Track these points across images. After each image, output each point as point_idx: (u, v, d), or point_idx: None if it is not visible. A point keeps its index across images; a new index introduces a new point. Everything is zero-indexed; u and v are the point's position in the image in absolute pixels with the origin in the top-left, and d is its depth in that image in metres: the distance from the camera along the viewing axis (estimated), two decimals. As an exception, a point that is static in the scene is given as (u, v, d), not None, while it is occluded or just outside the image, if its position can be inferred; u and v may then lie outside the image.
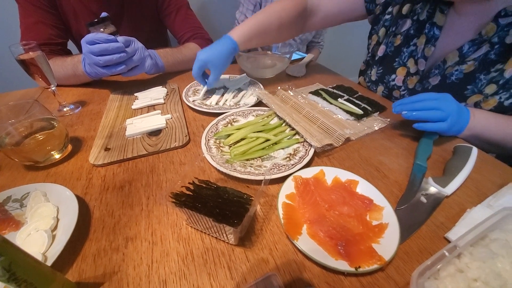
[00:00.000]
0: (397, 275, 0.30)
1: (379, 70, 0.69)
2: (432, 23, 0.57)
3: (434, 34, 0.57)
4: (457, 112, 0.46)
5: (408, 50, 0.62)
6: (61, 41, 0.80)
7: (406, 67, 0.62)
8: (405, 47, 0.62)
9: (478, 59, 0.51)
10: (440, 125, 0.46)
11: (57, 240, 0.34)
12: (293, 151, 0.48)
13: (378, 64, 0.69)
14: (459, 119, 0.47)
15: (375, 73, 0.70)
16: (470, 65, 0.52)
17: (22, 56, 0.55)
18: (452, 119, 0.46)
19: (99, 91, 0.74)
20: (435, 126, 0.47)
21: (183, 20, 0.92)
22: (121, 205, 0.40)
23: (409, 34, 0.61)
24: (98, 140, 0.52)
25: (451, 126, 0.46)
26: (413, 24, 0.61)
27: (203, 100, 0.67)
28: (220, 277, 0.31)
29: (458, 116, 0.47)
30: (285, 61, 0.78)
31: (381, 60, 0.68)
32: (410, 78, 0.62)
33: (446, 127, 0.46)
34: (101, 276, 0.31)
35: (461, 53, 0.53)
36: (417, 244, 0.34)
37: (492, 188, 0.40)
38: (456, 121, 0.47)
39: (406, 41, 0.62)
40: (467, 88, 0.53)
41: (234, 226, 0.29)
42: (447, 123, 0.46)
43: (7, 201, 0.40)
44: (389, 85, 0.67)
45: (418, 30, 0.60)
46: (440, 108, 0.46)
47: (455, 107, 0.46)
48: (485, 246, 0.27)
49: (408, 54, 0.62)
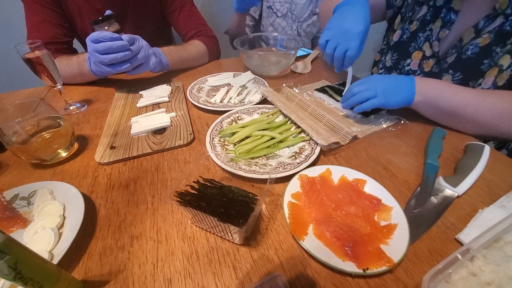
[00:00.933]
0: (406, 277, 0.29)
1: (394, 56, 0.69)
2: (449, 8, 0.57)
3: (450, 19, 0.57)
4: (384, 84, 0.51)
5: (424, 35, 0.62)
6: (66, 39, 0.80)
7: (422, 51, 0.62)
8: (421, 32, 0.62)
9: (493, 31, 0.50)
10: (373, 101, 0.51)
11: (64, 238, 0.35)
12: (298, 149, 0.47)
13: (393, 50, 0.69)
14: (393, 89, 0.51)
15: (389, 59, 0.70)
16: (485, 38, 0.51)
17: (28, 55, 0.55)
18: (384, 92, 0.51)
19: (104, 90, 0.75)
20: (369, 103, 0.51)
21: (187, 17, 0.91)
22: (127, 203, 0.40)
23: (425, 20, 0.61)
24: (103, 139, 0.52)
25: (386, 98, 0.50)
26: (430, 10, 0.61)
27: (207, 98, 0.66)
28: (225, 276, 0.31)
29: (390, 87, 0.51)
30: (290, 57, 0.77)
31: (396, 46, 0.68)
32: (426, 61, 0.62)
33: (381, 101, 0.50)
34: (106, 274, 0.31)
35: (477, 28, 0.52)
36: (427, 246, 0.33)
37: (505, 188, 0.39)
38: (390, 92, 0.51)
39: (422, 26, 0.62)
40: (483, 63, 0.52)
41: (239, 226, 0.29)
42: (379, 98, 0.50)
43: (14, 199, 0.40)
44: (403, 71, 0.67)
45: (434, 16, 0.60)
46: (367, 88, 0.52)
47: (379, 83, 0.52)
48: (499, 249, 0.26)
49: (424, 38, 0.62)
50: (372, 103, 0.51)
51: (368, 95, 0.51)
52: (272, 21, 1.21)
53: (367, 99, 0.51)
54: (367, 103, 0.51)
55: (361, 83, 0.53)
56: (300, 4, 1.17)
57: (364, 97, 0.51)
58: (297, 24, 1.21)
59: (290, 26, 1.21)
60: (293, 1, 1.15)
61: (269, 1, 1.17)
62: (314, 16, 1.21)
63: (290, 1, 1.15)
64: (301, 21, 1.21)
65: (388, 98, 0.50)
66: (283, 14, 1.18)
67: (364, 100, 0.52)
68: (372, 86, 0.52)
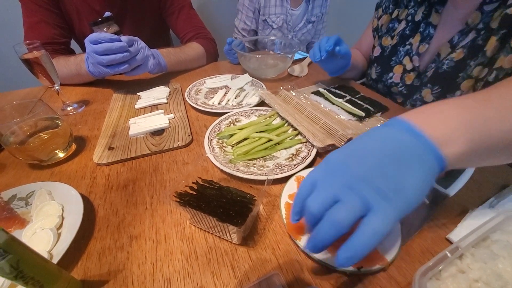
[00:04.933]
0: (399, 275, 0.31)
1: (378, 69, 0.73)
2: (427, 22, 0.60)
3: (429, 33, 0.60)
4: (370, 169, 0.24)
5: (404, 49, 0.65)
6: (64, 40, 0.80)
7: (402, 65, 0.66)
8: (401, 46, 0.66)
9: (466, 46, 0.54)
10: (373, 224, 0.23)
11: (62, 238, 0.35)
12: (295, 151, 0.48)
13: (376, 63, 0.73)
14: (394, 169, 0.24)
15: (374, 72, 0.74)
16: (459, 52, 0.54)
17: (26, 56, 0.55)
18: (383, 190, 0.23)
19: (102, 90, 0.75)
20: (367, 237, 0.23)
21: (186, 19, 0.92)
22: (125, 204, 0.40)
23: (405, 34, 0.65)
24: (101, 139, 0.52)
25: (397, 198, 0.23)
26: (409, 25, 0.64)
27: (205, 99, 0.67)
28: (223, 275, 0.31)
29: (385, 171, 0.24)
30: (287, 61, 0.78)
31: (378, 59, 0.73)
32: (407, 74, 0.65)
33: (390, 213, 0.23)
34: (106, 274, 0.32)
35: (452, 43, 0.56)
36: (419, 245, 0.34)
37: (494, 190, 0.41)
38: (393, 181, 0.23)
39: (402, 41, 0.66)
40: (458, 76, 0.55)
41: (238, 226, 0.30)
42: (382, 210, 0.23)
43: (12, 200, 0.40)
44: (387, 83, 0.71)
45: (413, 30, 0.64)
46: (337, 196, 0.24)
47: (358, 169, 0.25)
48: (487, 248, 0.27)
49: (404, 53, 0.66)
50: (374, 231, 0.22)
51: (350, 215, 0.23)
52: (267, 33, 1.22)
53: (350, 223, 0.23)
54: (363, 236, 0.23)
55: (319, 184, 0.26)
56: (295, 15, 1.18)
57: (343, 224, 0.23)
58: (293, 34, 1.23)
59: (285, 36, 1.23)
60: (288, 13, 1.17)
61: (265, 15, 1.18)
62: (309, 25, 1.23)
63: (285, 12, 1.17)
64: (296, 31, 1.23)
65: (399, 195, 0.23)
66: (278, 26, 1.19)
67: (341, 231, 0.23)
68: (346, 185, 0.24)
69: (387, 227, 0.22)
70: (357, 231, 0.23)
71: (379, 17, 0.74)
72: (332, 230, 0.23)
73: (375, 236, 0.22)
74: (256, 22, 1.21)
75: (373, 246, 0.22)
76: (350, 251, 0.23)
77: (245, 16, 1.19)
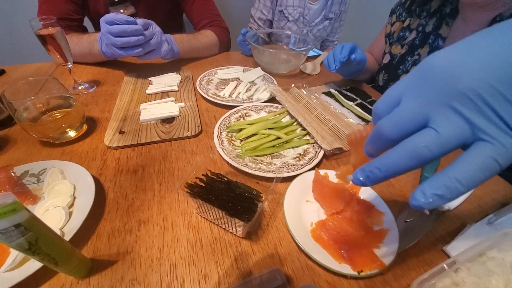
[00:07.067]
0: (394, 281, 0.32)
1: (385, 77, 0.73)
2: (437, 34, 0.60)
3: (438, 45, 0.60)
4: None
5: (412, 59, 0.66)
6: (78, 17, 0.79)
7: None
8: (410, 56, 0.66)
9: None
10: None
11: (74, 217, 0.36)
12: (303, 151, 0.49)
13: (384, 71, 0.74)
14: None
15: (381, 79, 0.75)
16: None
17: (41, 31, 0.55)
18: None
19: (113, 72, 0.75)
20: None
21: (202, 5, 0.91)
22: (135, 189, 0.41)
23: (414, 44, 0.65)
24: (112, 123, 0.53)
25: None
26: (419, 35, 0.64)
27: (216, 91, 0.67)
28: (226, 266, 0.33)
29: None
30: (300, 57, 0.77)
31: (386, 67, 0.73)
32: None
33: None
34: (114, 254, 0.33)
35: None
36: (416, 254, 0.35)
37: (494, 206, 0.42)
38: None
39: (410, 50, 0.66)
40: None
41: (246, 221, 0.31)
42: None
43: (24, 175, 0.42)
44: None
45: (423, 41, 0.63)
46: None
47: None
48: (482, 264, 0.28)
49: (411, 62, 0.66)
50: (484, 165, 0.17)
51: (443, 147, 0.18)
52: (283, 25, 1.20)
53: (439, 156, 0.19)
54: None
55: (404, 98, 0.20)
56: (313, 9, 1.16)
57: (426, 158, 0.18)
58: (308, 28, 1.21)
59: (300, 30, 1.20)
60: (306, 6, 1.14)
61: (282, 6, 1.16)
62: (326, 21, 1.20)
63: (303, 5, 1.14)
64: (312, 26, 1.20)
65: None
66: (294, 19, 1.17)
67: None
68: (446, 103, 0.18)
69: (504, 165, 0.16)
70: (455, 164, 0.18)
71: (392, 23, 0.73)
72: (407, 161, 0.18)
73: (484, 172, 0.17)
74: (272, 12, 1.19)
75: (477, 185, 0.17)
76: (443, 187, 0.17)
77: (262, 5, 1.17)
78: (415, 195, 0.18)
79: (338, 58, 0.61)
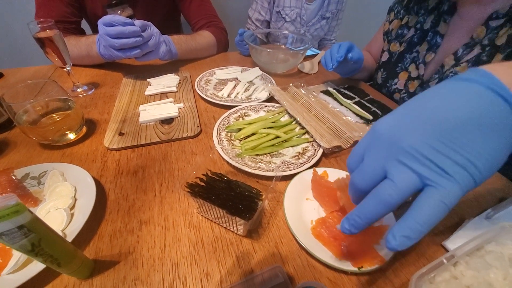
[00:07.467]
0: (394, 276, 0.32)
1: (383, 75, 0.74)
2: (435, 31, 0.61)
3: (436, 42, 0.60)
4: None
5: (410, 56, 0.66)
6: (75, 19, 0.79)
7: (408, 72, 0.66)
8: (408, 53, 0.67)
9: (471, 60, 0.54)
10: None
11: (75, 219, 0.36)
12: (302, 150, 0.49)
13: (383, 68, 0.74)
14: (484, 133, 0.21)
15: (380, 77, 0.75)
16: (463, 66, 0.55)
17: (39, 34, 0.55)
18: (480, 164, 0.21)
19: (111, 74, 0.75)
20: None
21: (199, 6, 0.91)
22: (135, 190, 0.41)
23: (413, 42, 0.66)
24: (112, 124, 0.53)
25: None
26: (417, 33, 0.65)
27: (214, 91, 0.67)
28: (228, 264, 0.33)
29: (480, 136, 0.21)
30: (298, 56, 0.77)
31: (384, 65, 0.73)
32: (411, 82, 0.66)
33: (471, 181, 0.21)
34: (116, 255, 0.33)
35: (456, 56, 0.56)
36: (415, 249, 0.35)
37: (492, 201, 0.42)
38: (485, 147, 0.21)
39: (409, 47, 0.66)
40: None
41: (246, 220, 0.31)
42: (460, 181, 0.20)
43: (25, 178, 0.42)
44: (390, 89, 0.71)
45: (421, 38, 0.64)
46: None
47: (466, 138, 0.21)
48: (481, 257, 0.28)
49: (410, 60, 0.66)
50: (434, 208, 0.20)
51: (401, 194, 0.22)
52: (280, 25, 1.21)
53: (401, 202, 0.22)
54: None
55: (366, 156, 0.24)
56: (310, 9, 1.16)
57: (391, 204, 0.22)
58: (305, 28, 1.21)
59: (298, 30, 1.21)
60: (303, 6, 1.15)
61: (279, 6, 1.16)
62: (323, 21, 1.21)
63: (300, 6, 1.15)
64: (309, 26, 1.21)
65: (469, 169, 0.20)
66: (292, 20, 1.18)
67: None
68: (396, 158, 0.22)
69: (450, 204, 0.20)
70: (414, 208, 0.21)
71: (390, 21, 0.73)
72: (378, 208, 0.22)
73: (435, 213, 0.20)
74: (270, 13, 1.20)
75: (433, 224, 0.20)
76: (407, 229, 0.20)
77: (259, 6, 1.17)
78: (388, 238, 0.22)
79: (335, 57, 0.61)
